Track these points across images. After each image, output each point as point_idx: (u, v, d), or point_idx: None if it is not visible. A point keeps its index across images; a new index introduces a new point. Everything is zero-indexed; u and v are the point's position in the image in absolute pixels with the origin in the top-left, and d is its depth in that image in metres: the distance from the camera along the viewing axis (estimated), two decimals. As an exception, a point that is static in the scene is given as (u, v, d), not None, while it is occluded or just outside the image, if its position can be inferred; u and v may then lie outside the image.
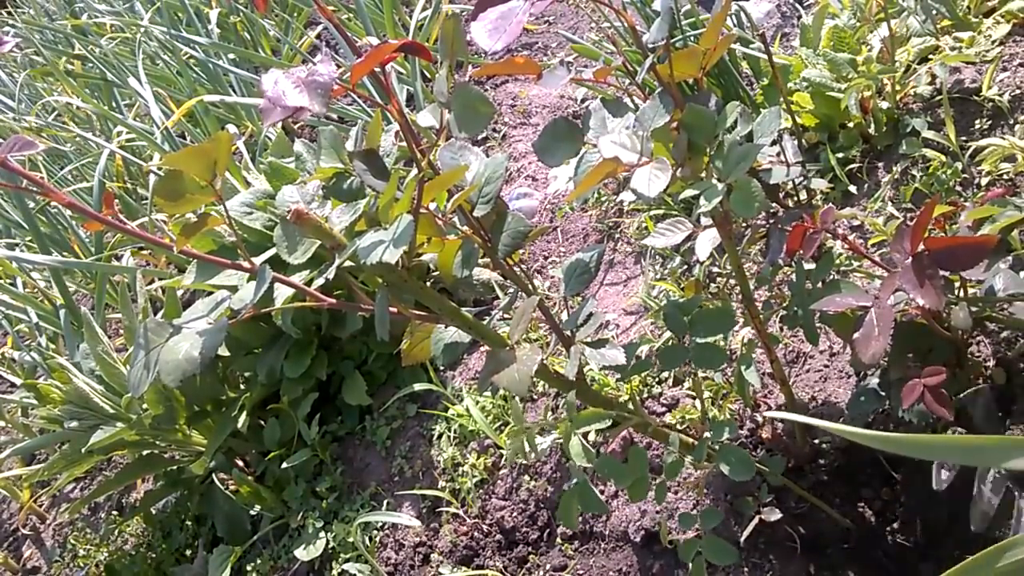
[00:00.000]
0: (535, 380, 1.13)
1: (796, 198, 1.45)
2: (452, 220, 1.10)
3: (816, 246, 1.10)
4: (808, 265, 1.24)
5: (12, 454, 2.13)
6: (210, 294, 1.07)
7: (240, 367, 2.07)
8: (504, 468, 1.75)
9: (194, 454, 2.06)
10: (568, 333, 1.15)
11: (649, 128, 1.02)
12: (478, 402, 1.82)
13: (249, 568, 1.91)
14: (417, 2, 2.87)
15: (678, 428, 1.28)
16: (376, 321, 1.00)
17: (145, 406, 1.91)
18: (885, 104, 1.73)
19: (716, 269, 1.80)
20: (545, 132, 1.10)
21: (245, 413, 1.95)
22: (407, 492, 1.85)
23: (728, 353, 1.57)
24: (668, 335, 1.62)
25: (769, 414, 1.45)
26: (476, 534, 1.70)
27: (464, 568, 1.68)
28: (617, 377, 1.71)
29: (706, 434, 1.16)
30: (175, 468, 2.11)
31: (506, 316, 1.17)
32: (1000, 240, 1.07)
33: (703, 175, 1.07)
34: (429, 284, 1.99)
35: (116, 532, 2.23)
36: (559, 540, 1.62)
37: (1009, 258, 1.16)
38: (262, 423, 2.06)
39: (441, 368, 2.00)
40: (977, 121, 1.63)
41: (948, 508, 1.31)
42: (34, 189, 0.91)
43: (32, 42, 3.64)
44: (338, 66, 0.88)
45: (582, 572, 1.56)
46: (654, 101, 1.04)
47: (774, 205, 1.41)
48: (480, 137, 2.59)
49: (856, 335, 1.02)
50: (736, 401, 1.56)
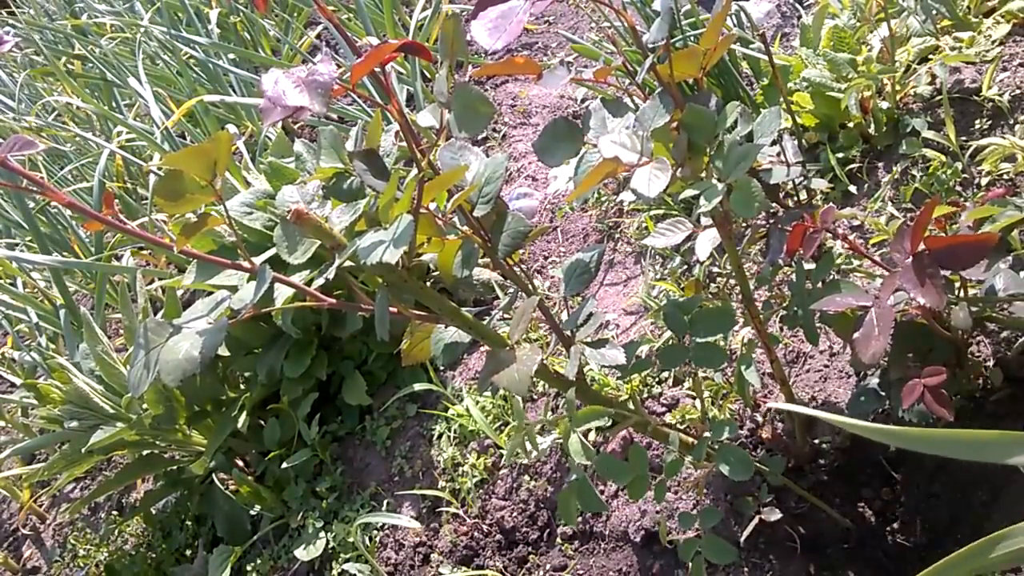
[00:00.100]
0: (535, 380, 1.13)
1: (796, 198, 1.45)
2: (452, 220, 1.10)
3: (816, 246, 1.10)
4: (808, 265, 1.24)
5: (12, 454, 2.13)
6: (210, 294, 1.07)
7: (240, 367, 2.07)
8: (504, 468, 1.75)
9: (194, 454, 2.06)
10: (568, 333, 1.15)
11: (649, 128, 1.02)
12: (478, 402, 1.82)
13: (249, 568, 1.91)
14: (417, 2, 2.87)
15: (678, 428, 1.28)
16: (376, 321, 1.00)
17: (145, 406, 1.91)
18: (885, 104, 1.73)
19: (716, 269, 1.80)
20: (545, 132, 1.10)
21: (245, 413, 1.95)
22: (407, 492, 1.85)
23: (728, 353, 1.57)
24: (668, 335, 1.62)
25: (772, 404, 1.45)
26: (476, 534, 1.70)
27: (464, 568, 1.68)
28: (617, 377, 1.71)
29: (706, 434, 1.16)
30: (175, 468, 2.11)
31: (506, 316, 1.17)
32: (1000, 240, 1.07)
33: (703, 175, 1.07)
34: (429, 284, 1.99)
35: (116, 532, 2.23)
36: (559, 540, 1.62)
37: (1009, 258, 1.16)
38: (262, 423, 2.06)
39: (441, 368, 2.00)
40: (977, 121, 1.63)
41: (948, 508, 1.31)
42: (34, 189, 0.91)
43: (32, 42, 3.64)
44: (338, 66, 0.88)
45: (582, 572, 1.56)
46: (654, 101, 1.04)
47: (774, 205, 1.41)
48: (480, 137, 2.59)
49: (856, 335, 1.02)
50: (736, 401, 1.56)
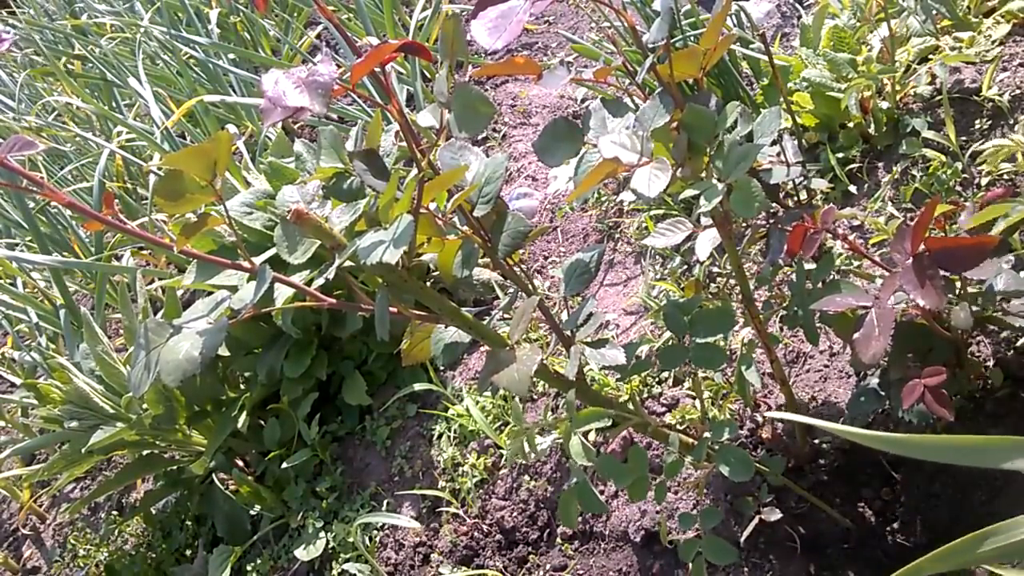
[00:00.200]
0: (535, 380, 1.13)
1: (796, 198, 1.45)
2: (452, 220, 1.10)
3: (816, 246, 1.10)
4: (808, 265, 1.24)
5: (12, 454, 2.13)
6: (210, 294, 1.07)
7: (240, 367, 2.07)
8: (504, 468, 1.75)
9: (194, 454, 2.06)
10: (568, 333, 1.15)
11: (649, 128, 1.02)
12: (478, 402, 1.82)
13: (249, 568, 1.91)
14: (417, 2, 2.87)
15: (678, 428, 1.28)
16: (376, 321, 1.00)
17: (145, 406, 1.91)
18: (885, 104, 1.73)
19: (716, 269, 1.80)
20: (545, 132, 1.10)
21: (245, 413, 1.95)
22: (407, 492, 1.85)
23: (728, 353, 1.57)
24: (668, 335, 1.62)
25: (770, 414, 1.45)
26: (476, 534, 1.70)
27: (464, 568, 1.68)
28: (617, 377, 1.71)
29: (706, 434, 1.16)
30: (175, 468, 2.11)
31: (506, 316, 1.17)
32: (1000, 240, 1.07)
33: (703, 175, 1.07)
34: (429, 284, 1.99)
35: (116, 532, 2.23)
36: (559, 540, 1.62)
37: (1011, 258, 1.16)
38: (262, 423, 2.06)
39: (441, 368, 2.00)
40: (977, 121, 1.63)
41: (948, 508, 1.31)
42: (34, 189, 0.91)
43: (32, 42, 3.64)
44: (338, 66, 0.88)
45: (582, 572, 1.56)
46: (654, 101, 1.04)
47: (774, 205, 1.41)
48: (480, 137, 2.59)
49: (856, 335, 1.02)
50: (736, 401, 1.56)
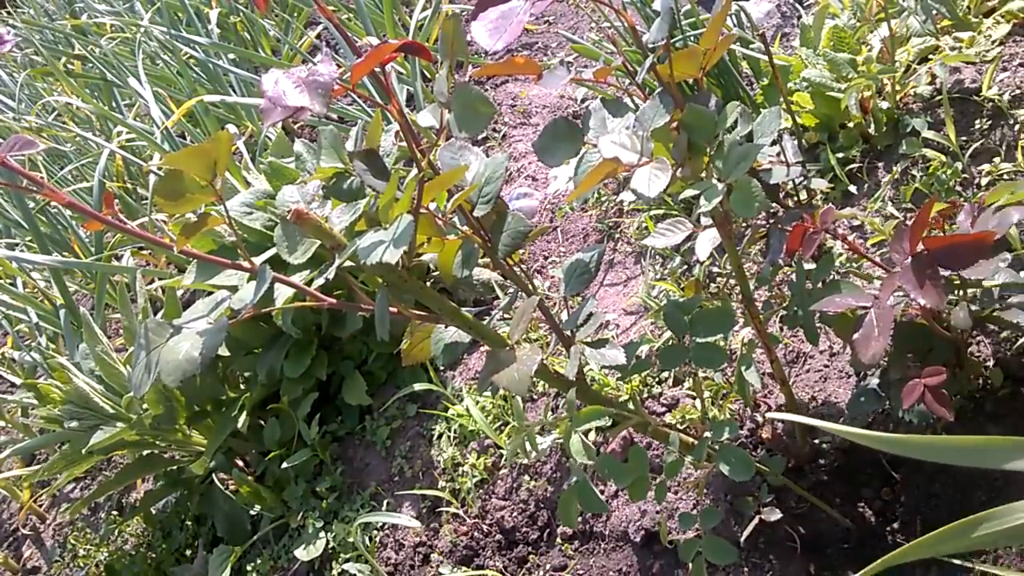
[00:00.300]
0: (535, 380, 1.13)
1: (796, 198, 1.45)
2: (452, 220, 1.10)
3: (816, 246, 1.10)
4: (808, 265, 1.24)
5: (12, 454, 2.14)
6: (210, 294, 1.07)
7: (240, 367, 2.07)
8: (504, 468, 1.75)
9: (194, 454, 2.06)
10: (568, 333, 1.15)
11: (649, 128, 1.02)
12: (478, 402, 1.82)
13: (249, 568, 1.91)
14: (417, 2, 2.87)
15: (678, 428, 1.27)
16: (376, 321, 1.00)
17: (145, 406, 1.91)
18: (885, 104, 1.73)
19: (716, 269, 1.80)
20: (545, 132, 1.10)
21: (245, 413, 1.95)
22: (407, 492, 1.85)
23: (728, 353, 1.57)
24: (668, 335, 1.62)
25: (770, 415, 1.45)
26: (476, 534, 1.70)
27: (464, 568, 1.68)
28: (617, 377, 1.71)
29: (706, 434, 1.16)
30: (175, 468, 2.11)
31: (506, 316, 1.17)
32: (1000, 239, 1.07)
33: (703, 175, 1.07)
34: (429, 284, 1.99)
35: (116, 532, 2.23)
36: (559, 540, 1.62)
37: (1007, 256, 1.16)
38: (262, 423, 2.06)
39: (441, 368, 2.00)
40: (977, 121, 1.63)
41: (948, 508, 1.31)
42: (34, 189, 0.91)
43: (32, 42, 3.64)
44: (338, 66, 0.88)
45: (582, 572, 1.56)
46: (654, 101, 1.04)
47: (774, 205, 1.41)
48: (480, 137, 2.59)
49: (856, 335, 1.02)
50: (736, 401, 1.56)
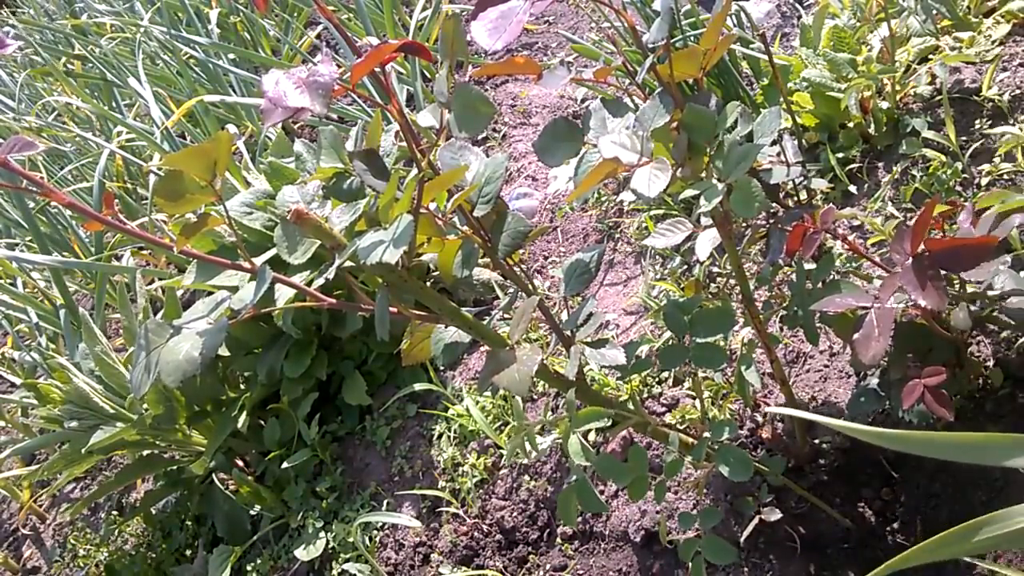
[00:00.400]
0: (535, 380, 1.13)
1: (796, 198, 1.45)
2: (452, 220, 1.10)
3: (816, 246, 1.10)
4: (808, 265, 1.24)
5: (12, 454, 2.14)
6: (210, 294, 1.07)
7: (240, 367, 2.07)
8: (504, 468, 1.75)
9: (194, 454, 2.06)
10: (568, 333, 1.15)
11: (649, 128, 1.02)
12: (478, 402, 1.82)
13: (249, 568, 1.91)
14: (417, 2, 2.87)
15: (678, 428, 1.27)
16: (376, 321, 1.00)
17: (145, 406, 1.91)
18: (885, 104, 1.73)
19: (716, 269, 1.80)
20: (545, 132, 1.10)
21: (245, 413, 1.95)
22: (407, 492, 1.85)
23: (728, 353, 1.57)
24: (668, 335, 1.62)
25: (770, 409, 1.45)
26: (476, 534, 1.70)
27: (464, 568, 1.68)
28: (617, 377, 1.71)
29: (706, 434, 1.16)
30: (175, 468, 2.11)
31: (506, 316, 1.17)
32: (1000, 240, 1.07)
33: (703, 175, 1.07)
34: (429, 284, 1.99)
35: (116, 532, 2.23)
36: (559, 540, 1.62)
37: (1007, 258, 1.16)
38: (262, 423, 2.06)
39: (441, 368, 2.00)
40: (977, 121, 1.63)
41: (948, 508, 1.31)
42: (34, 189, 0.91)
43: (32, 42, 3.64)
44: (338, 66, 0.88)
45: (582, 572, 1.56)
46: (654, 101, 1.04)
47: (774, 205, 1.41)
48: (480, 137, 2.59)
49: (856, 335, 1.02)
50: (736, 401, 1.56)
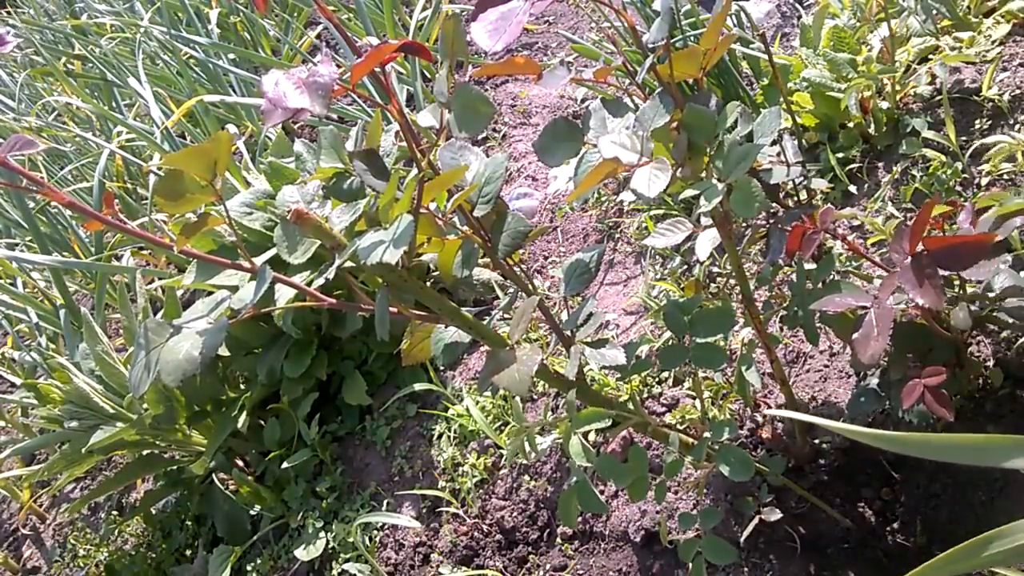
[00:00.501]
0: (535, 380, 1.13)
1: (796, 198, 1.45)
2: (452, 220, 1.10)
3: (816, 246, 1.10)
4: (808, 265, 1.24)
5: (12, 454, 2.14)
6: (210, 294, 1.07)
7: (240, 367, 2.07)
8: (504, 468, 1.75)
9: (194, 454, 2.06)
10: (568, 333, 1.15)
11: (649, 128, 1.02)
12: (478, 402, 1.82)
13: (249, 568, 1.91)
14: (417, 2, 2.87)
15: (678, 428, 1.27)
16: (376, 321, 1.00)
17: (145, 406, 1.91)
18: (885, 104, 1.73)
19: (716, 269, 1.80)
20: (545, 132, 1.10)
21: (245, 413, 1.95)
22: (407, 492, 1.85)
23: (728, 353, 1.57)
24: (668, 335, 1.62)
25: (769, 412, 1.45)
26: (476, 534, 1.70)
27: (464, 568, 1.68)
28: (617, 377, 1.71)
29: (706, 434, 1.16)
30: (175, 468, 2.11)
31: (506, 316, 1.17)
32: (1000, 240, 1.07)
33: (703, 175, 1.07)
34: (429, 284, 1.99)
35: (116, 532, 2.23)
36: (559, 540, 1.62)
37: (1008, 257, 1.16)
38: (262, 423, 2.06)
39: (441, 368, 2.00)
40: (977, 121, 1.63)
41: (948, 508, 1.31)
42: (34, 189, 0.91)
43: (32, 42, 3.64)
44: (338, 66, 0.88)
45: (582, 572, 1.56)
46: (654, 101, 1.04)
47: (774, 205, 1.41)
48: (480, 137, 2.59)
49: (856, 335, 1.02)
50: (736, 401, 1.56)
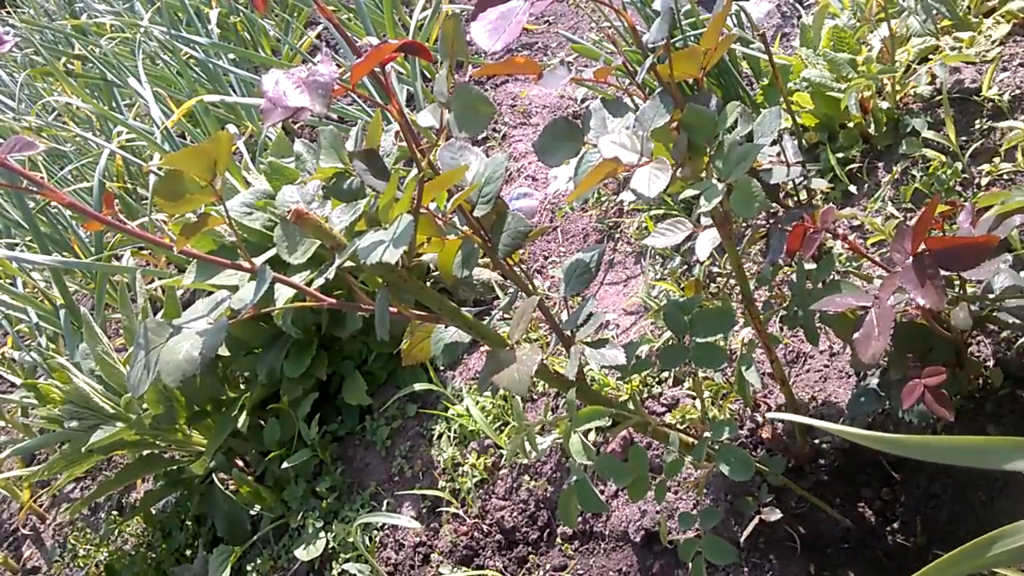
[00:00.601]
0: (535, 380, 1.13)
1: (796, 198, 1.45)
2: (452, 220, 1.10)
3: (816, 246, 1.10)
4: (808, 265, 1.24)
5: (12, 454, 2.13)
6: (210, 294, 1.07)
7: (240, 367, 2.07)
8: (504, 468, 1.75)
9: (194, 454, 2.06)
10: (568, 333, 1.15)
11: (649, 128, 1.02)
12: (478, 402, 1.82)
13: (249, 568, 1.91)
14: (417, 2, 2.87)
15: (678, 428, 1.27)
16: (376, 321, 1.00)
17: (145, 406, 1.91)
18: (885, 104, 1.73)
19: (716, 269, 1.80)
20: (545, 132, 1.10)
21: (245, 413, 1.95)
22: (407, 492, 1.85)
23: (728, 353, 1.57)
24: (668, 335, 1.62)
25: (770, 415, 1.45)
26: (476, 534, 1.70)
27: (464, 568, 1.68)
28: (617, 377, 1.71)
29: (706, 434, 1.16)
30: (175, 468, 2.11)
31: (506, 316, 1.17)
32: (1001, 240, 1.07)
33: (703, 175, 1.07)
34: (429, 284, 1.99)
35: (116, 532, 2.23)
36: (559, 540, 1.62)
37: (1008, 257, 1.16)
38: (262, 423, 2.06)
39: (441, 368, 2.00)
40: (977, 121, 1.63)
41: (948, 508, 1.31)
42: (34, 189, 0.91)
43: (32, 42, 3.64)
44: (338, 66, 0.88)
45: (582, 572, 1.56)
46: (654, 101, 1.04)
47: (774, 205, 1.41)
48: (480, 137, 2.59)
49: (856, 335, 1.02)
50: (736, 401, 1.56)
